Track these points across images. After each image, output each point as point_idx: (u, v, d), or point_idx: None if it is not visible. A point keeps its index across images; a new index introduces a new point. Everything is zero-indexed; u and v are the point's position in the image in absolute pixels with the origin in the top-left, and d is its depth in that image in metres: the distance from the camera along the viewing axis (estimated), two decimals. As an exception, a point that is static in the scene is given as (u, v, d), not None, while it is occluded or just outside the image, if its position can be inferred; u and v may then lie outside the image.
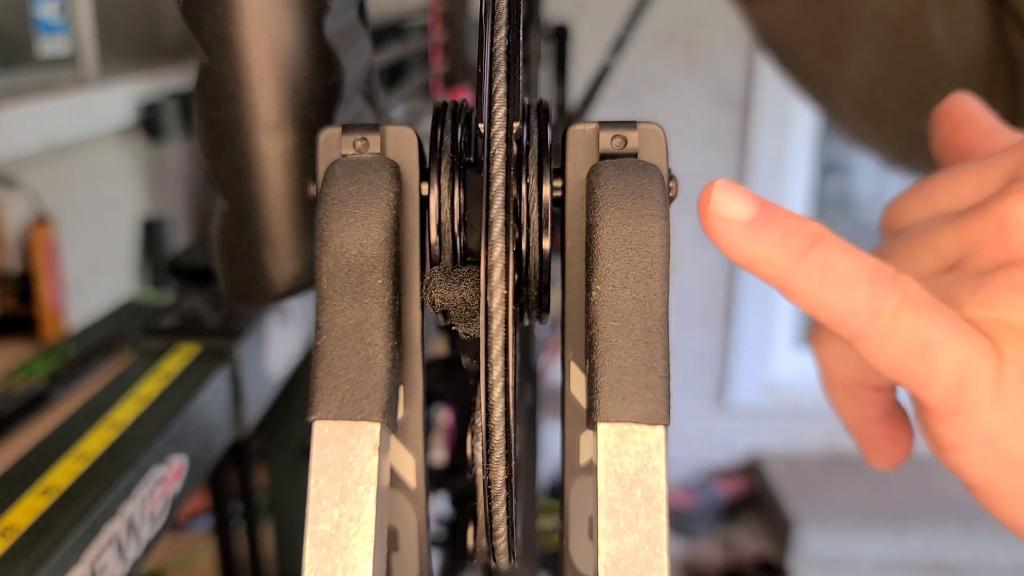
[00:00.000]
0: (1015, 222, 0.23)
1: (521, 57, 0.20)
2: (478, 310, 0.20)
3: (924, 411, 0.24)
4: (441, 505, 0.65)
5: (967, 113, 0.29)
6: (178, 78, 1.30)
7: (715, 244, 0.23)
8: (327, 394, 0.21)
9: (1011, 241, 0.23)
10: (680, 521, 2.14)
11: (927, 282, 0.25)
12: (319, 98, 0.27)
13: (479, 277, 0.19)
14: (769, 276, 0.23)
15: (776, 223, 0.22)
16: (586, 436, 0.23)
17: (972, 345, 0.22)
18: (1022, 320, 0.23)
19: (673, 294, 0.21)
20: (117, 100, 1.19)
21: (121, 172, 1.30)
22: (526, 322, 0.23)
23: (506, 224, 0.18)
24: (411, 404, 0.23)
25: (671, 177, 0.22)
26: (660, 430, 0.20)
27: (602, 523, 0.19)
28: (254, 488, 0.68)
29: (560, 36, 1.11)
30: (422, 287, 0.21)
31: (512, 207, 0.19)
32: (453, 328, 0.21)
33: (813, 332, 0.28)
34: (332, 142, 0.23)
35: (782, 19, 0.50)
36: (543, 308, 0.22)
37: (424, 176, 0.23)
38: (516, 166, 0.21)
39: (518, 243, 0.21)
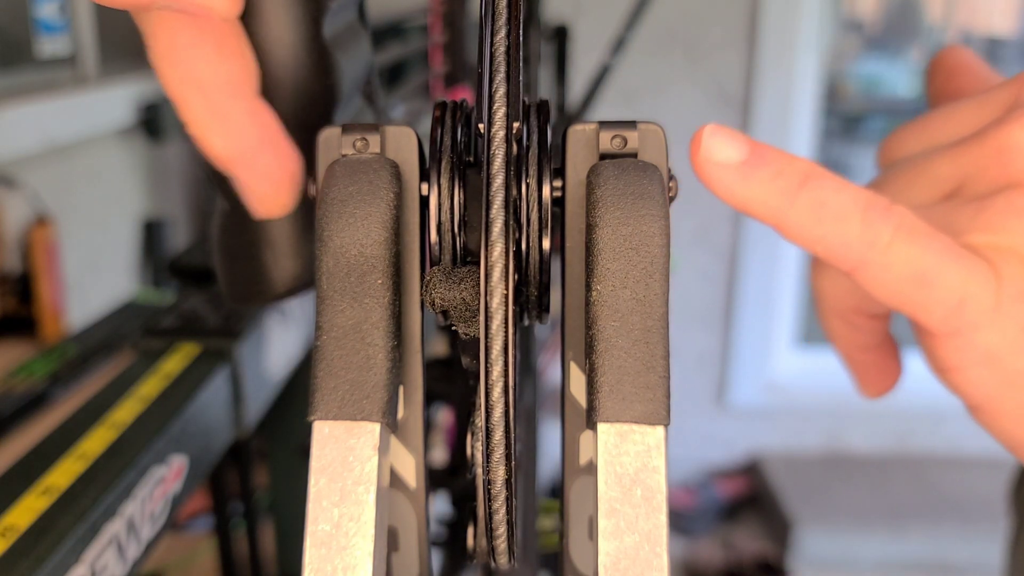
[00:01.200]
0: (1015, 147, 0.24)
1: (521, 57, 0.20)
2: (478, 310, 0.20)
3: (925, 335, 0.25)
4: (441, 505, 0.65)
5: (961, 62, 0.30)
6: (178, 78, 1.29)
7: (708, 188, 0.23)
8: (327, 394, 0.21)
9: (1011, 165, 0.24)
10: (680, 521, 2.14)
11: (925, 211, 0.25)
12: (318, 98, 0.27)
13: (479, 277, 0.19)
14: (764, 216, 0.23)
15: (767, 164, 0.23)
16: (586, 436, 0.23)
17: (969, 269, 0.23)
18: (1020, 243, 0.23)
19: (673, 294, 0.21)
20: (117, 100, 1.19)
21: (121, 172, 1.30)
22: (526, 322, 0.23)
23: (506, 224, 0.18)
24: (411, 404, 0.23)
25: (671, 177, 0.22)
26: (660, 430, 0.20)
27: (602, 523, 0.19)
28: (254, 488, 0.68)
29: (560, 36, 1.11)
30: (422, 287, 0.21)
31: (512, 207, 0.19)
32: (453, 328, 0.21)
33: (812, 263, 0.28)
34: (332, 142, 0.23)
35: None
36: (543, 308, 0.22)
37: (424, 176, 0.23)
38: (516, 166, 0.21)
39: (518, 243, 0.21)
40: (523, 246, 0.21)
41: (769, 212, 0.23)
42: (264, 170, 0.23)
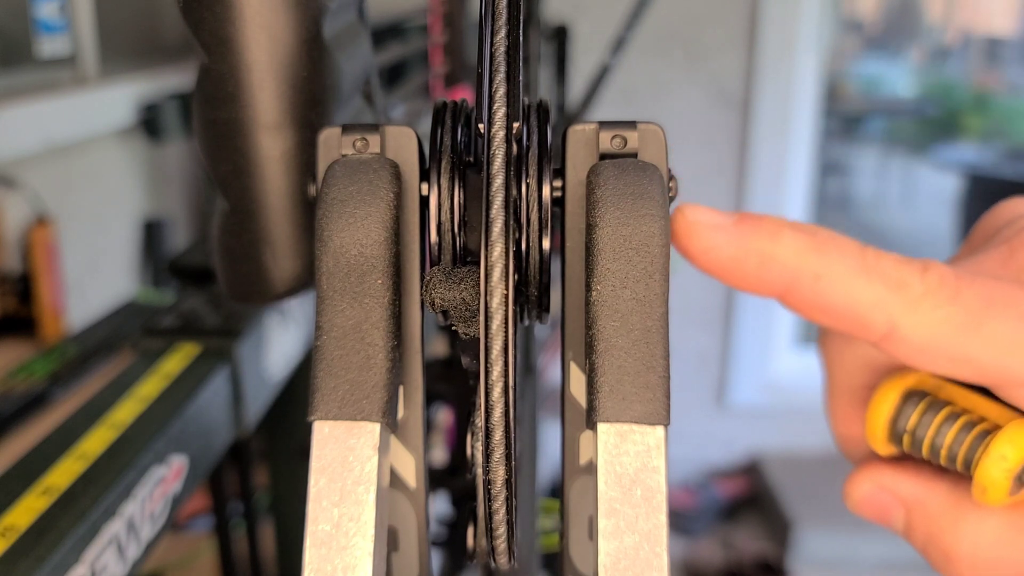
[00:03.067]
0: None
1: (521, 57, 0.20)
2: (478, 310, 0.20)
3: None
4: (441, 505, 0.65)
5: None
6: (178, 78, 1.30)
7: (699, 263, 0.23)
8: (327, 394, 0.21)
9: None
10: (680, 521, 2.14)
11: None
12: (319, 98, 0.27)
13: (479, 277, 0.19)
14: (770, 281, 0.23)
15: (762, 221, 0.23)
16: (586, 436, 0.23)
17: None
18: None
19: (673, 294, 0.21)
20: (117, 100, 1.19)
21: (121, 172, 1.30)
22: (526, 322, 0.23)
23: (506, 224, 0.18)
24: (411, 404, 0.23)
25: (671, 177, 0.22)
26: (660, 430, 0.20)
27: (602, 523, 0.19)
28: (254, 488, 0.68)
29: (560, 36, 1.11)
30: (422, 287, 0.21)
31: (512, 207, 0.19)
32: (453, 328, 0.21)
33: (821, 331, 0.27)
34: (332, 142, 0.23)
35: None
36: (543, 308, 0.22)
37: (424, 176, 0.23)
38: (516, 166, 0.21)
39: (518, 243, 0.21)
40: (523, 246, 0.21)
41: (777, 274, 0.22)
42: None
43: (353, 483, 0.20)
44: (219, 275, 0.29)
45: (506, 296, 0.18)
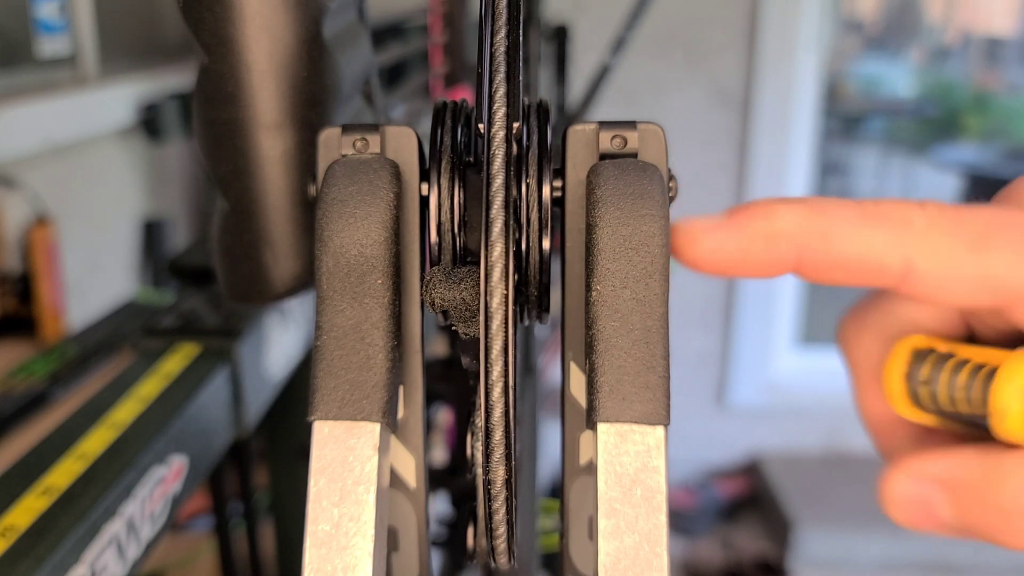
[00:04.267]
0: None
1: (521, 57, 0.20)
2: (478, 310, 0.20)
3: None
4: (441, 505, 0.65)
5: None
6: (178, 78, 1.30)
7: (704, 267, 0.23)
8: (327, 394, 0.21)
9: None
10: (680, 521, 2.14)
11: None
12: (319, 98, 0.27)
13: (479, 277, 0.19)
14: (780, 258, 0.23)
15: (756, 205, 0.23)
16: (586, 436, 0.23)
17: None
18: None
19: (673, 294, 0.21)
20: (117, 100, 1.19)
21: (121, 172, 1.30)
22: (526, 322, 0.23)
23: (506, 224, 0.18)
24: (411, 404, 0.23)
25: (671, 177, 0.22)
26: (660, 430, 0.20)
27: (602, 523, 0.19)
28: (254, 488, 0.68)
29: (560, 36, 1.11)
30: (422, 287, 0.21)
31: (512, 207, 0.19)
32: (453, 328, 0.21)
33: (839, 325, 0.27)
34: (332, 142, 0.23)
35: None
36: (543, 308, 0.22)
37: (424, 176, 0.23)
38: (516, 166, 0.21)
39: (518, 243, 0.21)
40: (523, 246, 0.21)
41: (786, 246, 0.22)
42: None
43: (353, 483, 0.20)
44: (219, 275, 0.29)
45: (506, 296, 0.18)
